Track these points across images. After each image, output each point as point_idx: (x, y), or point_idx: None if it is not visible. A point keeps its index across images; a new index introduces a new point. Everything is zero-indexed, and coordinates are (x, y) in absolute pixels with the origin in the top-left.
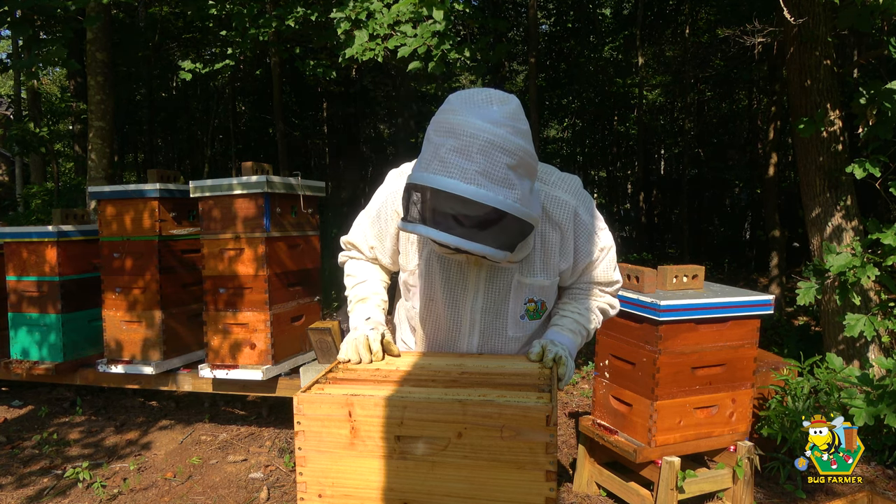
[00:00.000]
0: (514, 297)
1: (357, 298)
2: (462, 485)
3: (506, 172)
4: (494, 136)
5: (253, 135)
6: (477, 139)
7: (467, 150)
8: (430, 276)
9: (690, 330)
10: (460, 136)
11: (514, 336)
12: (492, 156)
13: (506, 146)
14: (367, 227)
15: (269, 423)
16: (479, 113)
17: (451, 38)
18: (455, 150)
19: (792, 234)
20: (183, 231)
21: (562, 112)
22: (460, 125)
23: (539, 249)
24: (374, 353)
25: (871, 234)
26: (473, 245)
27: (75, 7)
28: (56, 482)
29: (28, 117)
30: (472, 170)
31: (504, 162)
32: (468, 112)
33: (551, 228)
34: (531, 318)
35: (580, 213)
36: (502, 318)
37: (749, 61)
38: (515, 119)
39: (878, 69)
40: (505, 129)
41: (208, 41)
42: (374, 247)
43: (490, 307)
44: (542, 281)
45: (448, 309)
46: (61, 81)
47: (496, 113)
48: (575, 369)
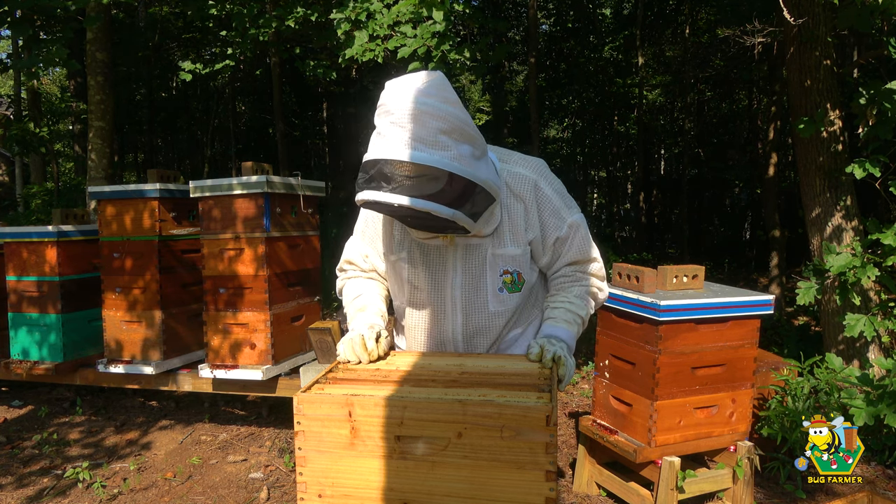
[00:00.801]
0: (490, 270)
1: (356, 309)
2: (462, 485)
3: (437, 136)
4: (423, 105)
5: (253, 135)
6: (407, 109)
7: (400, 121)
8: (413, 264)
9: (690, 330)
10: (393, 112)
11: (496, 311)
12: (423, 121)
13: (435, 113)
14: (357, 240)
15: (269, 423)
16: (407, 88)
17: (451, 38)
18: (391, 124)
19: (792, 234)
20: (183, 231)
21: (562, 112)
22: (392, 102)
23: (506, 222)
24: (370, 352)
25: (871, 234)
26: (416, 201)
27: (75, 7)
28: (56, 482)
29: (28, 117)
30: (406, 137)
31: (436, 126)
32: (398, 91)
33: (515, 200)
34: (510, 290)
35: (541, 185)
36: (482, 293)
37: (749, 61)
38: (441, 88)
39: (878, 69)
40: (433, 98)
41: (208, 41)
42: (367, 255)
43: (469, 282)
44: (512, 250)
45: (432, 292)
46: (61, 81)
47: (423, 85)
48: (575, 369)
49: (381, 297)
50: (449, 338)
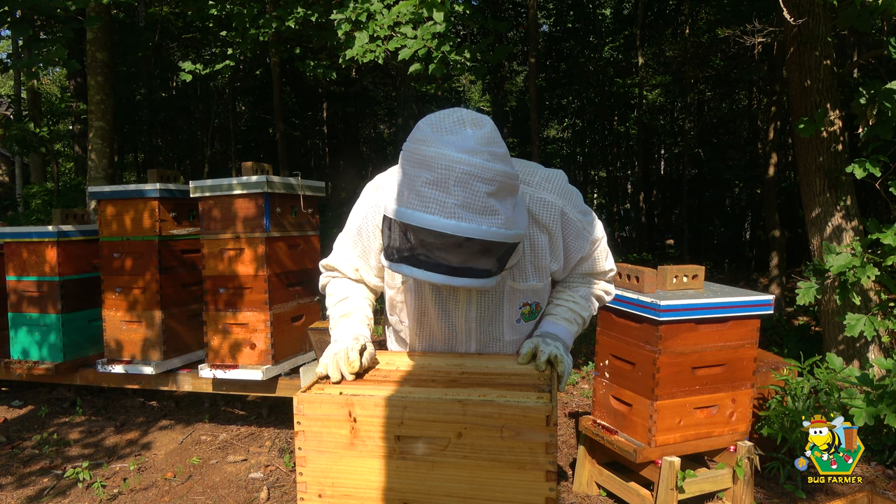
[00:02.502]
0: (507, 303)
1: (340, 314)
2: (462, 485)
3: (486, 201)
4: (471, 167)
5: (253, 135)
6: (453, 171)
7: (444, 182)
8: (419, 291)
9: (690, 330)
10: (435, 169)
11: (512, 339)
12: (470, 186)
13: (483, 175)
14: (348, 248)
15: (269, 423)
16: (452, 142)
17: (451, 39)
18: (431, 184)
19: (792, 234)
20: (183, 231)
21: (562, 112)
22: (433, 157)
23: (528, 254)
24: (351, 363)
25: (871, 234)
26: (461, 281)
27: (75, 7)
28: (56, 482)
29: (28, 117)
30: (451, 203)
31: (483, 191)
32: (440, 142)
33: (539, 231)
34: (527, 319)
35: (567, 211)
36: (497, 325)
37: (749, 61)
38: (491, 143)
39: (878, 69)
40: (480, 157)
41: (208, 41)
42: (358, 268)
43: (484, 315)
44: (535, 285)
45: (442, 321)
46: (61, 81)
47: (470, 139)
48: (574, 369)
49: (368, 302)
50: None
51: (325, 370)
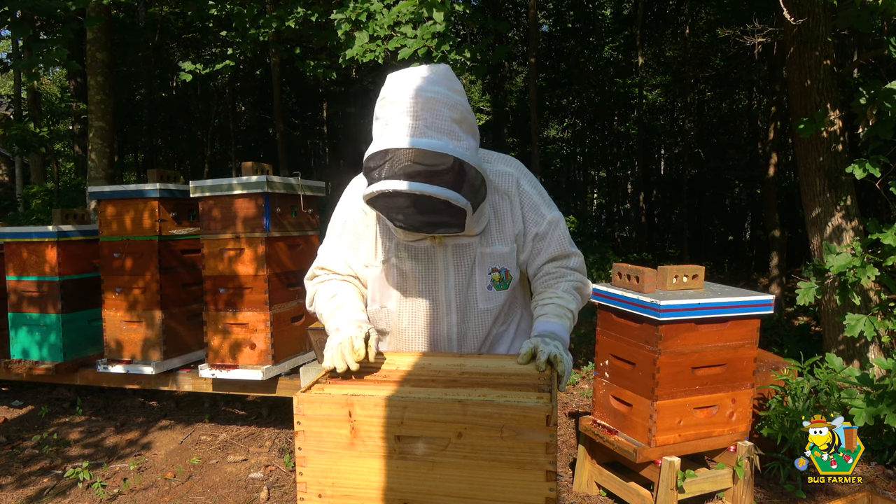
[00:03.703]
0: (479, 268)
1: (334, 307)
2: (462, 485)
3: (450, 125)
4: (434, 94)
5: (253, 135)
6: (418, 98)
7: (412, 110)
8: (400, 267)
9: (690, 330)
10: (403, 101)
11: (485, 308)
12: (435, 110)
13: (446, 101)
14: (335, 243)
15: (269, 423)
16: (415, 78)
17: (451, 39)
18: (401, 113)
19: (792, 234)
20: (183, 231)
21: (562, 112)
22: (400, 92)
23: (493, 220)
24: (356, 351)
25: (871, 234)
26: (435, 189)
27: (75, 7)
28: (56, 482)
29: (28, 117)
30: (420, 125)
31: (447, 115)
32: (404, 82)
33: (500, 198)
34: (498, 287)
35: (522, 182)
36: (473, 291)
37: (749, 61)
38: (449, 79)
39: (878, 69)
40: (442, 86)
41: (208, 41)
42: (347, 260)
43: (461, 281)
44: (500, 248)
45: (424, 294)
46: (61, 81)
47: (430, 75)
48: (574, 369)
49: (359, 298)
50: (444, 336)
51: (331, 363)
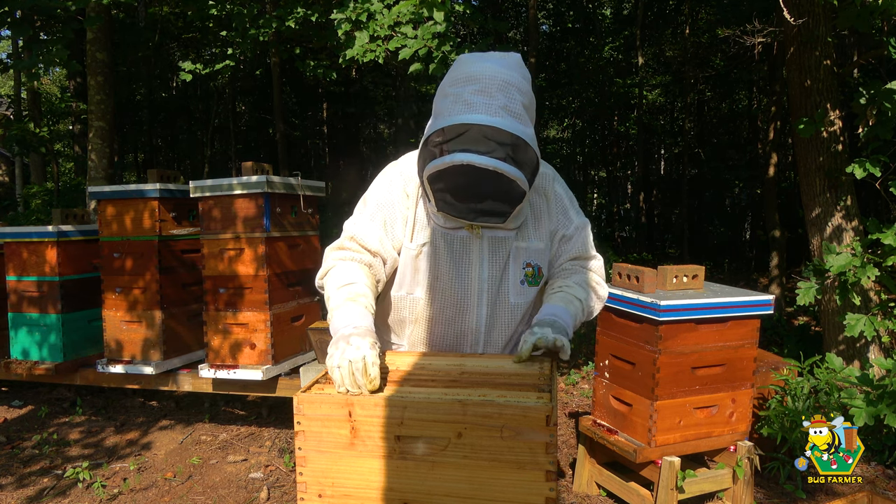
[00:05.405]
0: (513, 262)
1: (346, 297)
2: (462, 485)
3: (521, 110)
4: (510, 77)
5: (253, 135)
6: (495, 80)
7: (488, 90)
8: (434, 254)
9: (690, 330)
10: (479, 80)
11: (516, 303)
12: (510, 93)
13: (520, 86)
14: (365, 221)
15: (269, 423)
16: (492, 60)
17: (451, 39)
18: (477, 92)
19: (792, 234)
20: (183, 231)
21: (562, 112)
22: (478, 71)
23: (530, 216)
24: (372, 381)
25: (871, 234)
26: (508, 167)
27: (75, 7)
28: (56, 482)
29: (28, 117)
30: (496, 105)
31: (520, 100)
32: (481, 61)
33: (537, 195)
34: (530, 283)
35: (556, 184)
36: (505, 285)
37: (749, 61)
38: (521, 66)
39: (878, 69)
40: (516, 72)
41: (208, 41)
42: (381, 238)
43: (494, 274)
44: (537, 244)
45: (455, 282)
46: (61, 81)
47: (505, 60)
48: (574, 369)
49: (372, 291)
50: (471, 328)
51: (341, 382)
